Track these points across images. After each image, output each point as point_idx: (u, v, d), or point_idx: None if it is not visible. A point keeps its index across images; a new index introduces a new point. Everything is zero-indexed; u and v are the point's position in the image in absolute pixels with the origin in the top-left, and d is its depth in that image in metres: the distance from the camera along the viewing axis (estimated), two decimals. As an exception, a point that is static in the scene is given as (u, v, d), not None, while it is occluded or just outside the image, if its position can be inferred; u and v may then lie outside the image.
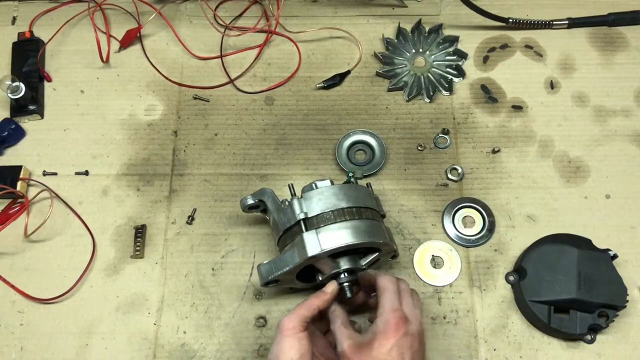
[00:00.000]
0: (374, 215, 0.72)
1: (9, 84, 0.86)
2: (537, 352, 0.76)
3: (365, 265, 0.71)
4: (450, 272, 0.80)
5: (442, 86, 0.92)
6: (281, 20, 0.96)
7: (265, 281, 0.70)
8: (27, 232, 0.81)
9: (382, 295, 0.65)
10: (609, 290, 0.74)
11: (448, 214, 0.83)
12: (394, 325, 0.62)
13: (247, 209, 0.76)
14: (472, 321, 0.78)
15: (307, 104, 0.91)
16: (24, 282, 0.79)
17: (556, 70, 0.94)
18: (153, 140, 0.89)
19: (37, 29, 0.96)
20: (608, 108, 0.91)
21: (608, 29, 0.97)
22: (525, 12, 0.97)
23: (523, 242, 0.81)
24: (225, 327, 0.77)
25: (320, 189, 0.71)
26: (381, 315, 0.64)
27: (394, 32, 0.97)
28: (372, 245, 0.70)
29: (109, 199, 0.85)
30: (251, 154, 0.88)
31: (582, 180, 0.86)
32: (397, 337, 0.62)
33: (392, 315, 0.63)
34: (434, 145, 0.88)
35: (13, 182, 0.83)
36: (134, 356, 0.76)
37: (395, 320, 0.63)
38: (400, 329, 0.62)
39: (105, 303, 0.79)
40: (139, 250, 0.81)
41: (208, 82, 0.93)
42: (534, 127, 0.89)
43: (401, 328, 0.62)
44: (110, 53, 0.93)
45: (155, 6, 0.96)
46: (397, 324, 0.62)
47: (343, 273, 0.69)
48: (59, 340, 0.77)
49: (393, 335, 0.62)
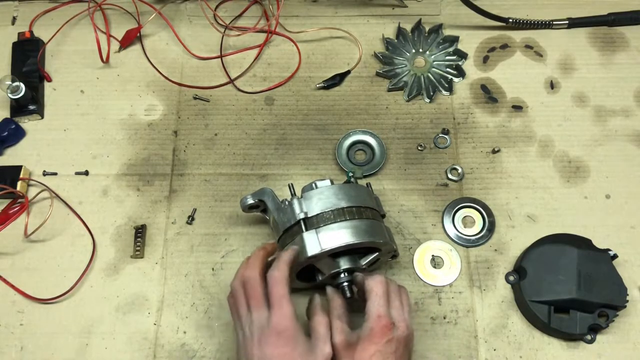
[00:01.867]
0: (374, 214, 0.72)
1: (9, 84, 0.86)
2: (537, 352, 0.76)
3: (365, 265, 0.71)
4: (450, 272, 0.80)
5: (442, 86, 0.92)
6: (281, 20, 0.96)
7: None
8: (27, 232, 0.81)
9: (369, 299, 0.64)
10: (609, 290, 0.74)
11: (448, 214, 0.83)
12: (378, 332, 0.62)
13: (247, 208, 0.76)
14: (472, 321, 0.78)
15: (307, 104, 0.91)
16: (24, 282, 0.79)
17: (556, 70, 0.94)
18: (153, 140, 0.89)
19: (37, 29, 0.96)
20: (608, 108, 0.91)
21: (608, 29, 0.97)
22: (525, 12, 0.97)
23: (523, 242, 0.81)
24: (225, 327, 0.77)
25: (320, 188, 0.71)
26: (367, 320, 0.63)
27: (394, 32, 0.97)
28: (372, 245, 0.70)
29: (109, 199, 0.85)
30: (251, 154, 0.88)
31: (582, 180, 0.86)
32: (381, 344, 0.61)
33: (377, 322, 0.62)
34: (434, 145, 0.88)
35: (13, 182, 0.83)
36: (134, 356, 0.76)
37: (380, 327, 0.62)
38: (384, 336, 0.62)
39: (105, 303, 0.79)
40: (139, 250, 0.81)
41: (208, 82, 0.93)
42: (534, 127, 0.90)
43: (385, 335, 0.62)
44: (110, 53, 0.93)
45: (155, 6, 0.96)
46: (381, 331, 0.62)
47: (343, 273, 0.69)
48: (59, 340, 0.77)
49: (377, 341, 0.62)
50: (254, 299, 0.63)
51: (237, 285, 0.65)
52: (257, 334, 0.61)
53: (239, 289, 0.65)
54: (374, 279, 0.65)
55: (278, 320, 0.61)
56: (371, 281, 0.65)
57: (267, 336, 0.61)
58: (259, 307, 0.62)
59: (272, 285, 0.62)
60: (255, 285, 0.63)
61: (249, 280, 0.64)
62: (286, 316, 0.61)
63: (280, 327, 0.60)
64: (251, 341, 0.62)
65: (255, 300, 0.63)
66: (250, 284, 0.63)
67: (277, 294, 0.62)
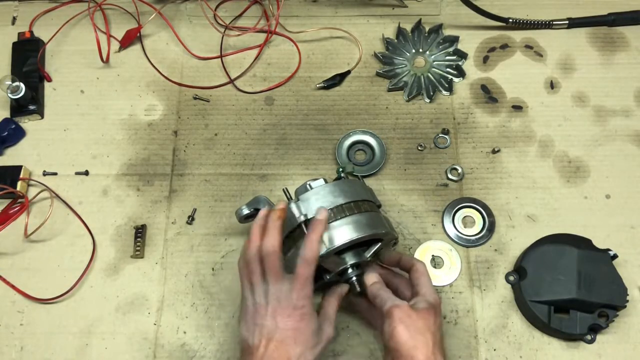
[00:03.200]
0: (372, 206, 0.72)
1: (9, 84, 0.86)
2: (537, 352, 0.76)
3: (369, 257, 0.72)
4: (450, 272, 0.80)
5: (442, 86, 0.92)
6: (281, 20, 0.96)
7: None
8: (27, 232, 0.81)
9: (422, 277, 0.69)
10: (609, 290, 0.74)
11: (448, 214, 0.83)
12: (435, 306, 0.66)
13: (243, 219, 0.75)
14: (472, 321, 0.78)
15: (307, 104, 0.91)
16: (24, 282, 0.79)
17: (556, 70, 0.94)
18: (153, 140, 0.89)
19: (37, 29, 0.96)
20: (608, 108, 0.91)
21: (608, 29, 0.97)
22: (525, 12, 0.97)
23: (523, 242, 0.81)
24: (225, 327, 0.77)
25: (315, 189, 0.71)
26: (423, 295, 0.67)
27: (394, 32, 0.97)
28: (375, 237, 0.70)
29: (109, 199, 0.85)
30: (251, 154, 0.88)
31: (582, 180, 0.86)
32: (437, 318, 0.65)
33: (434, 296, 0.67)
34: (434, 145, 0.88)
35: (13, 182, 0.83)
36: (134, 356, 0.76)
37: (435, 301, 0.66)
38: (439, 311, 0.66)
39: (105, 303, 0.79)
40: (139, 250, 0.81)
41: (208, 82, 0.93)
42: (534, 127, 0.89)
43: (439, 309, 0.67)
44: (110, 53, 0.93)
45: (155, 6, 0.96)
46: (436, 305, 0.66)
47: (350, 268, 0.70)
48: (59, 340, 0.77)
49: (434, 314, 0.65)
50: (272, 272, 0.64)
51: (253, 255, 0.66)
52: (272, 304, 0.64)
53: (255, 259, 0.66)
54: (419, 261, 0.70)
55: (298, 297, 0.63)
56: (420, 264, 0.70)
57: (283, 308, 0.63)
58: (277, 281, 0.64)
59: (301, 265, 0.64)
60: (275, 259, 0.64)
61: (269, 254, 0.64)
62: (307, 296, 0.64)
63: (299, 304, 0.63)
64: (264, 309, 0.64)
65: (274, 273, 0.64)
66: (270, 257, 0.64)
67: (303, 275, 0.64)
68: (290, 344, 0.62)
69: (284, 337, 0.62)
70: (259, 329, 0.63)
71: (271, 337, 0.62)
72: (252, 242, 0.66)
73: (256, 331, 0.63)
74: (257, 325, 0.63)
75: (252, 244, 0.66)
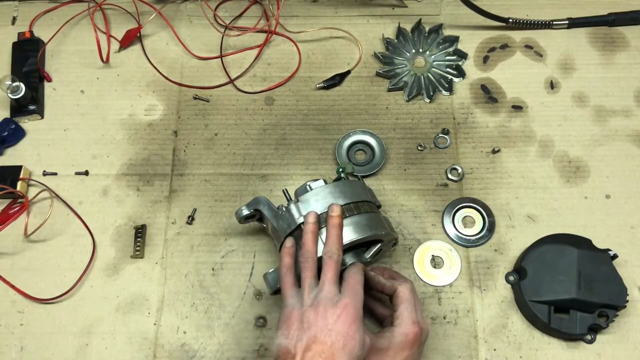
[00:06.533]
0: (371, 207, 0.72)
1: (9, 84, 0.86)
2: (537, 352, 0.76)
3: (369, 258, 0.72)
4: (450, 272, 0.80)
5: (442, 86, 0.92)
6: (281, 20, 0.96)
7: (274, 289, 0.70)
8: (27, 232, 0.81)
9: (401, 304, 0.66)
10: (609, 290, 0.74)
11: (448, 214, 0.83)
12: (412, 339, 0.64)
13: (243, 220, 0.75)
14: (472, 321, 0.78)
15: (307, 104, 0.91)
16: (24, 282, 0.79)
17: (556, 70, 0.94)
18: (153, 140, 0.89)
19: (37, 29, 0.96)
20: (608, 108, 0.91)
21: (608, 29, 0.97)
22: (525, 12, 0.97)
23: (523, 242, 0.81)
24: (225, 327, 0.77)
25: (315, 190, 0.71)
26: (399, 326, 0.65)
27: (394, 32, 0.97)
28: (375, 238, 0.70)
29: (109, 199, 0.85)
30: (251, 154, 0.88)
31: (582, 180, 0.86)
32: (414, 349, 0.64)
33: (412, 328, 0.64)
34: (434, 145, 0.88)
35: (13, 182, 0.83)
36: (134, 356, 0.76)
37: (414, 334, 0.64)
38: (416, 342, 0.64)
39: (105, 303, 0.79)
40: (139, 250, 0.81)
41: (208, 82, 0.93)
42: (534, 127, 0.89)
43: (418, 340, 0.64)
44: (110, 53, 0.93)
45: (155, 6, 0.96)
46: (414, 338, 0.64)
47: None
48: (59, 340, 0.77)
49: (409, 348, 0.63)
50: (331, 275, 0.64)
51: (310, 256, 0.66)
52: (323, 304, 0.61)
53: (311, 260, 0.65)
54: (405, 286, 0.67)
55: (349, 301, 0.62)
56: (403, 288, 0.67)
57: (335, 308, 0.61)
58: (332, 284, 0.63)
59: (355, 272, 0.65)
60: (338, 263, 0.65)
61: (333, 258, 0.64)
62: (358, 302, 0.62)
63: (350, 307, 0.61)
64: (314, 309, 0.62)
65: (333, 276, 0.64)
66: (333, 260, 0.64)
67: (354, 281, 0.64)
68: (338, 349, 0.59)
69: (333, 341, 0.59)
70: (304, 333, 0.60)
71: (317, 339, 0.59)
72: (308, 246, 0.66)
73: (302, 336, 0.60)
74: (302, 330, 0.60)
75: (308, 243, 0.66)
